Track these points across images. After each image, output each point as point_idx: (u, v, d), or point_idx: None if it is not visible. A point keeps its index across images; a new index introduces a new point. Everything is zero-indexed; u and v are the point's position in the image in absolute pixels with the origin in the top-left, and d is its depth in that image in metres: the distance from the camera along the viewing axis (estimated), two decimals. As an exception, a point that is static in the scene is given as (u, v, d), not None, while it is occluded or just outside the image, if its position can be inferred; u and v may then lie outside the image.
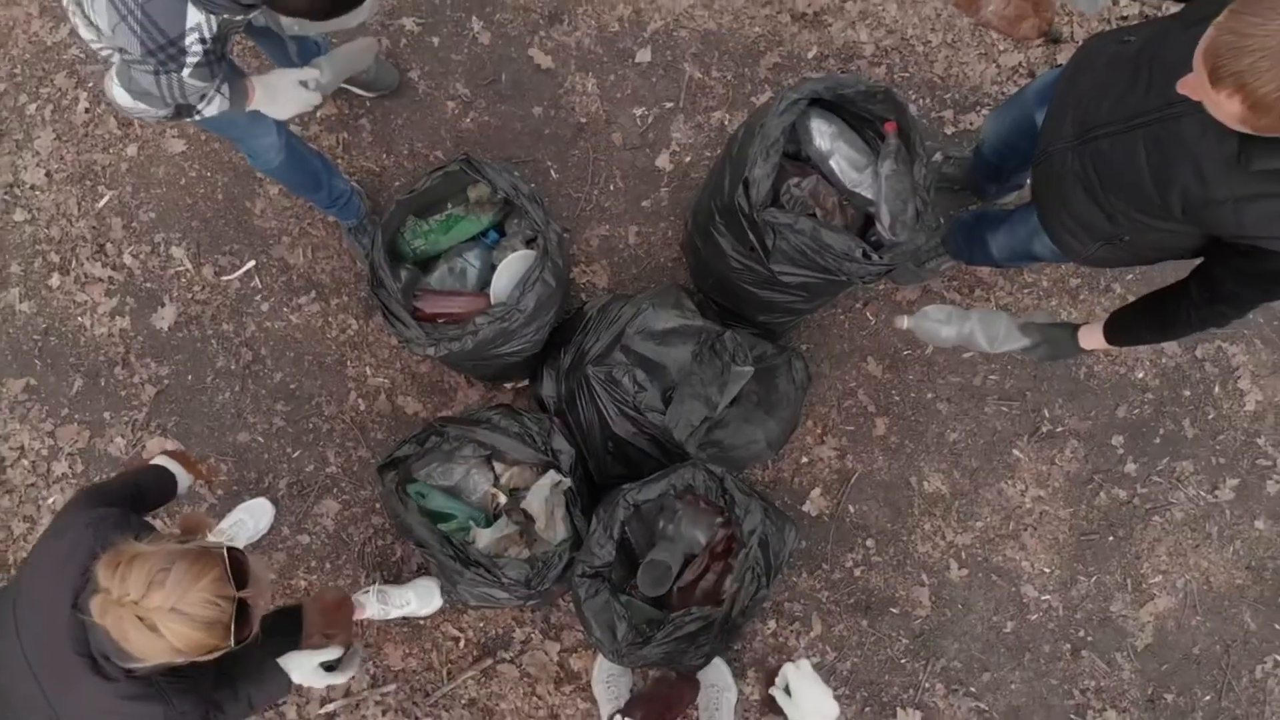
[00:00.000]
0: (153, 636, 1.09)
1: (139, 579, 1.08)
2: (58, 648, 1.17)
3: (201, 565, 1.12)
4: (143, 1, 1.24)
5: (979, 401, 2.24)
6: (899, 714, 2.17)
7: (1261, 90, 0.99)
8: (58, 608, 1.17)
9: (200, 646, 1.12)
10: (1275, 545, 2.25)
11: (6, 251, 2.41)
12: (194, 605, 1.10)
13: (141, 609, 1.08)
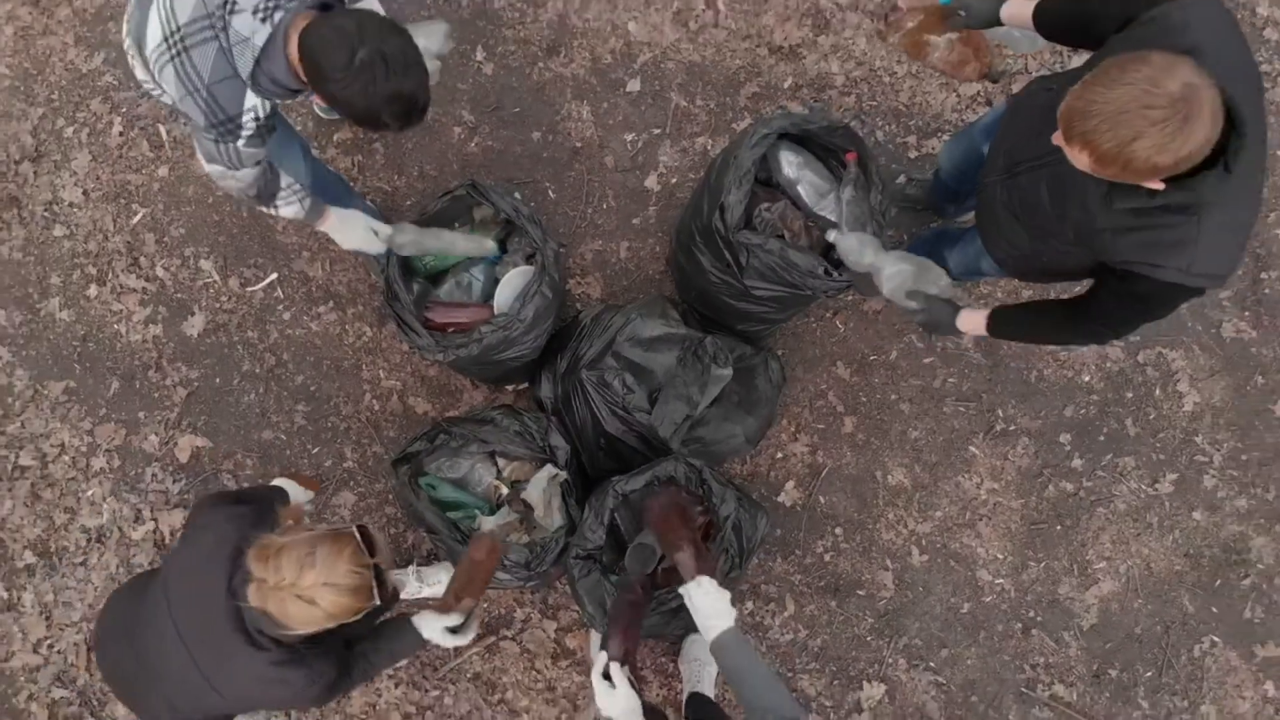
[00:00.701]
0: (311, 609, 1.30)
1: (291, 565, 1.30)
2: (214, 626, 1.37)
3: (340, 543, 1.34)
4: (209, 83, 1.44)
5: (938, 402, 2.45)
6: (865, 687, 2.39)
7: (1103, 147, 1.19)
8: (212, 593, 1.37)
9: (350, 610, 1.33)
10: (1211, 535, 2.46)
11: (47, 264, 2.62)
12: (342, 577, 1.31)
13: (299, 588, 1.29)
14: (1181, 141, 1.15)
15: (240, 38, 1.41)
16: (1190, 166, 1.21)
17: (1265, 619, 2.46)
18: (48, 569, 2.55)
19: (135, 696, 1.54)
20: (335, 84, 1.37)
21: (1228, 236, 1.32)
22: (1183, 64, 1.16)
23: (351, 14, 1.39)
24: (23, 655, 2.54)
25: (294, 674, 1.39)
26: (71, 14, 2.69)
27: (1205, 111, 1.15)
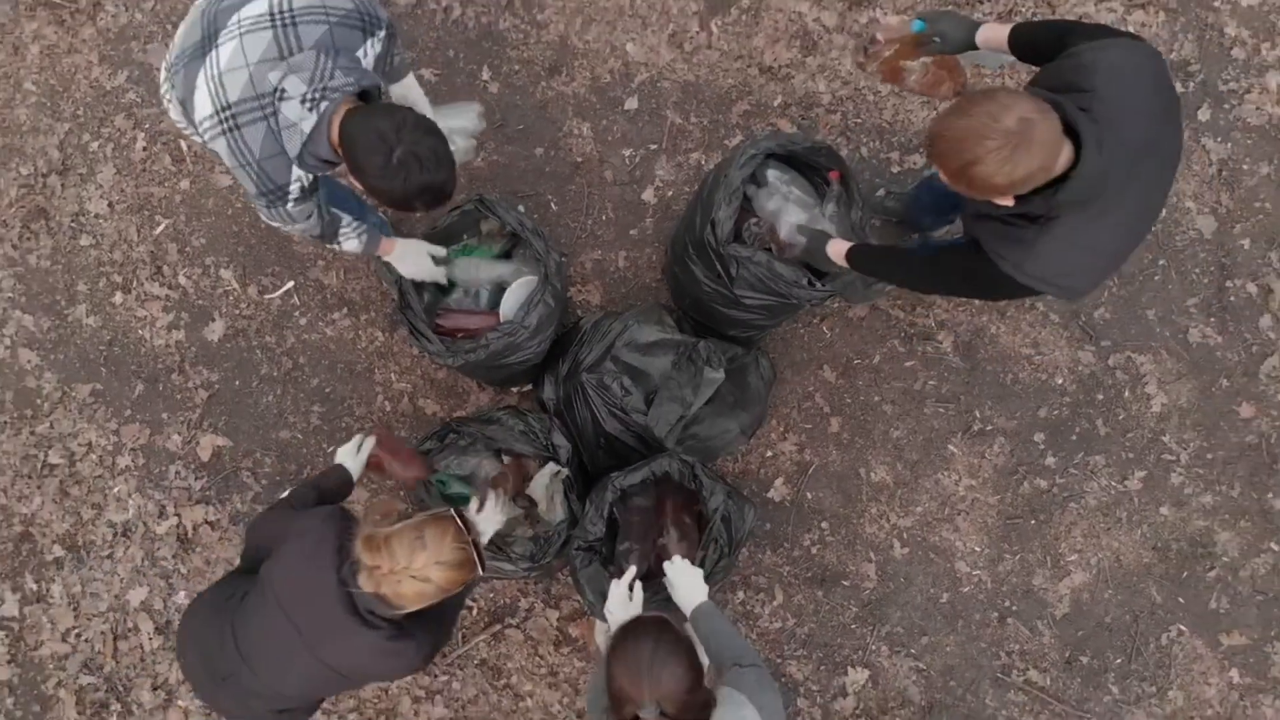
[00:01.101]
0: (425, 585, 1.46)
1: (403, 550, 1.45)
2: (329, 615, 1.52)
3: (442, 526, 1.50)
4: (259, 159, 1.58)
5: (919, 403, 2.59)
6: (849, 672, 2.53)
7: (949, 167, 1.37)
8: (323, 586, 1.52)
9: (459, 581, 1.50)
10: (1178, 529, 2.60)
11: (74, 272, 2.75)
12: (449, 554, 1.47)
13: (413, 570, 1.45)
14: (1012, 167, 1.31)
15: (289, 122, 1.54)
16: (1033, 186, 1.36)
17: (1230, 609, 2.59)
18: (75, 562, 2.69)
19: (225, 687, 1.68)
20: (373, 179, 1.51)
21: (1069, 251, 1.46)
22: (1023, 101, 1.32)
23: (389, 114, 1.52)
24: (51, 644, 2.68)
25: (406, 645, 1.54)
26: (95, 33, 2.83)
27: (1035, 143, 1.30)
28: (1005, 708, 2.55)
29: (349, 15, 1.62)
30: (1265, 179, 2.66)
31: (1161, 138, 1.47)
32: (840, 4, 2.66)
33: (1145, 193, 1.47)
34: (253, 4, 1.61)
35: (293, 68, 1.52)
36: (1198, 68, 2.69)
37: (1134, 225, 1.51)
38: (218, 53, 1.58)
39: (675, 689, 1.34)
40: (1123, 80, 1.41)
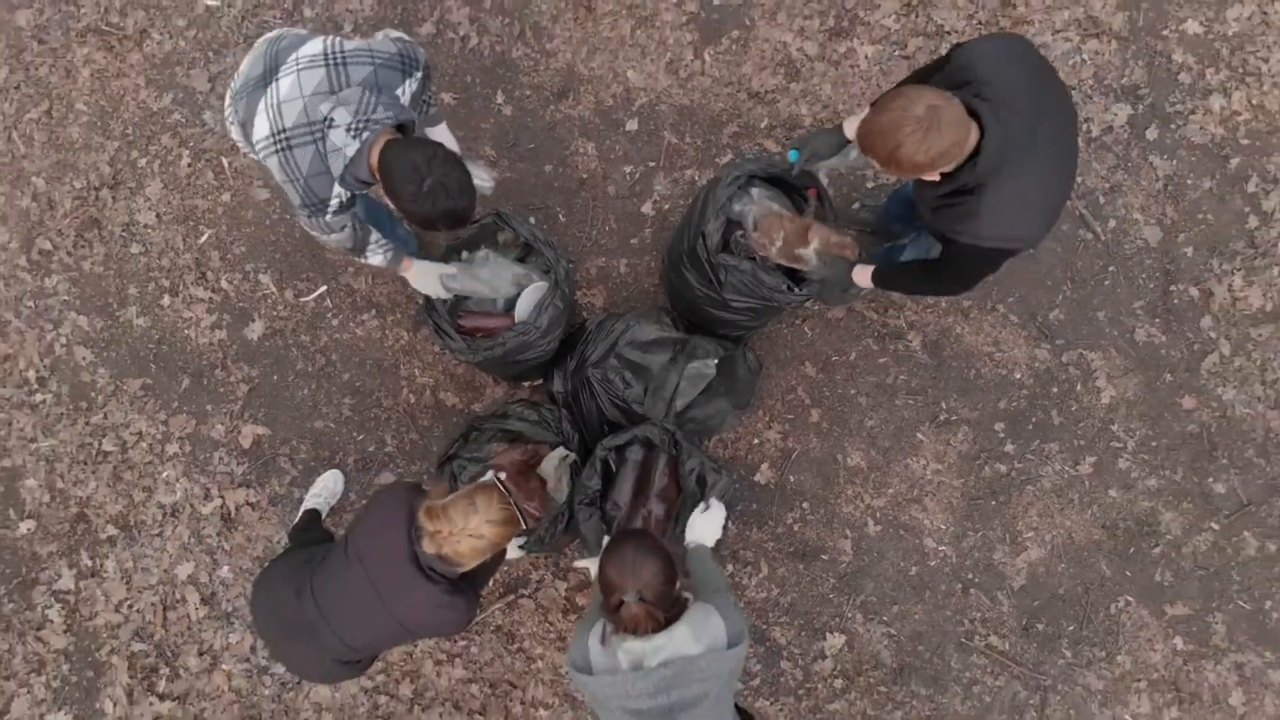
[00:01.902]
0: (479, 541, 1.74)
1: (459, 514, 1.74)
2: (400, 571, 1.80)
3: (489, 491, 1.78)
4: (306, 176, 1.84)
5: (891, 396, 2.86)
6: (828, 637, 2.80)
7: (880, 154, 1.64)
8: (396, 547, 1.79)
9: (508, 536, 1.78)
10: (1125, 509, 2.88)
11: (125, 278, 3.03)
12: (498, 514, 1.75)
13: (469, 530, 1.73)
14: (929, 146, 1.59)
15: (335, 147, 1.80)
16: (955, 162, 1.64)
17: (1173, 582, 2.87)
18: (128, 540, 2.96)
19: (299, 639, 1.95)
20: (406, 202, 1.77)
21: (1006, 208, 1.72)
22: (928, 92, 1.60)
23: (422, 148, 1.76)
24: (105, 614, 2.95)
25: (458, 600, 1.83)
26: (142, 59, 3.10)
27: (944, 124, 1.58)
28: (968, 669, 2.83)
29: (391, 58, 1.89)
30: (1207, 193, 2.93)
31: (1048, 101, 1.74)
32: (821, 35, 2.93)
33: (1052, 148, 1.74)
34: (309, 45, 1.87)
35: (341, 101, 1.79)
36: (1147, 91, 2.96)
37: (1053, 176, 1.77)
38: (278, 85, 1.85)
39: (652, 580, 1.64)
40: (999, 63, 1.70)
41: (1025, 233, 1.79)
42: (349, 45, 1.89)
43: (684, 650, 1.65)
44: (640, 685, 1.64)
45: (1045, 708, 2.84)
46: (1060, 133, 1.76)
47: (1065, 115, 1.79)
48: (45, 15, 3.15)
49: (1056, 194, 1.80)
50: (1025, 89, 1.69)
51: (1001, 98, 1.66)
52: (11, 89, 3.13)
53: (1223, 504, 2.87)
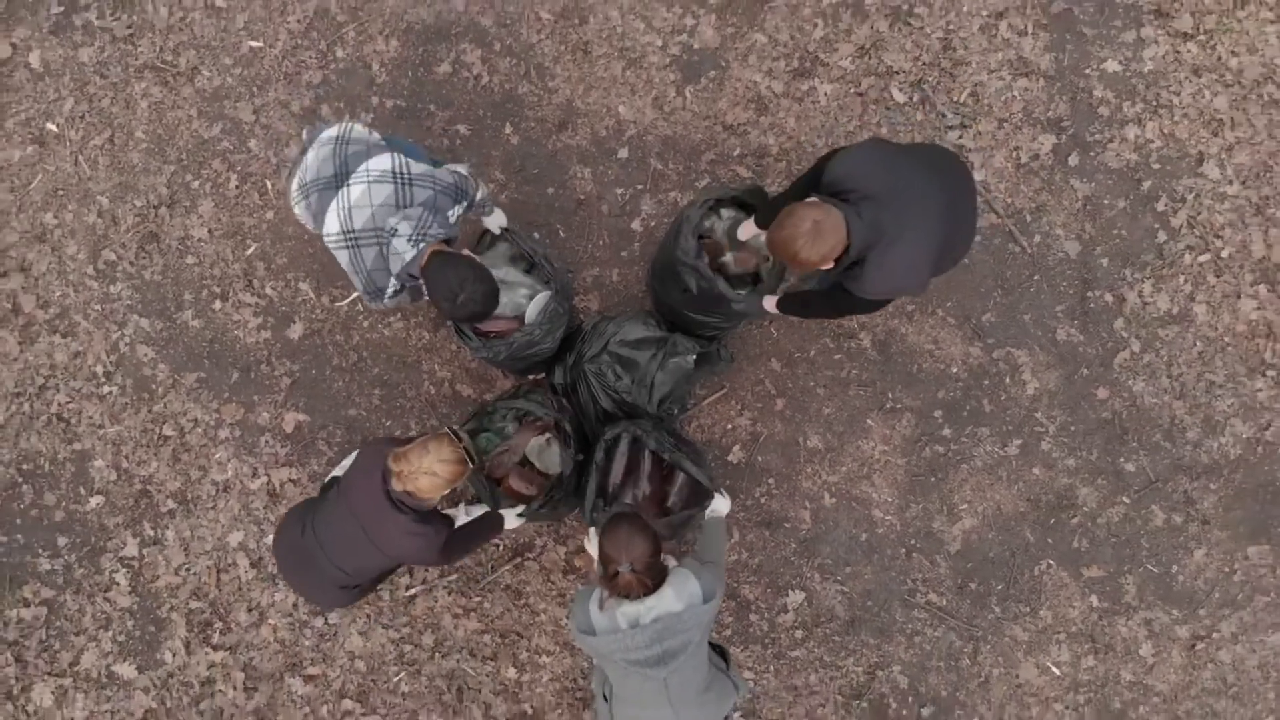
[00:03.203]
0: (434, 479, 2.19)
1: (416, 457, 2.19)
2: (377, 506, 2.26)
3: (440, 438, 2.23)
4: (370, 270, 2.28)
5: (845, 387, 3.32)
6: (790, 594, 3.26)
7: (784, 257, 2.15)
8: (373, 487, 2.25)
9: (458, 474, 2.22)
10: (1047, 485, 3.33)
11: (181, 285, 3.46)
12: (448, 454, 2.21)
13: (424, 468, 2.18)
14: (817, 249, 2.08)
15: (396, 252, 2.23)
16: (839, 253, 2.12)
17: (1089, 548, 3.32)
18: (185, 512, 3.40)
19: (306, 568, 2.42)
20: (442, 308, 2.23)
21: (883, 272, 2.20)
22: (813, 210, 2.08)
23: (457, 268, 2.20)
24: (166, 577, 3.40)
25: (424, 529, 2.28)
26: (194, 92, 3.53)
27: (825, 233, 2.07)
28: (911, 622, 3.28)
29: (448, 188, 2.34)
30: (1121, 211, 3.38)
31: (914, 184, 2.19)
32: (786, 75, 3.38)
33: (924, 219, 2.20)
34: (379, 159, 2.29)
35: (405, 216, 2.23)
36: (1069, 123, 3.40)
37: (921, 237, 2.22)
38: (349, 190, 2.27)
39: (641, 554, 2.09)
40: (858, 171, 2.18)
41: (906, 286, 2.27)
42: (415, 169, 2.31)
43: (670, 608, 2.09)
44: (638, 639, 2.07)
45: (977, 655, 3.29)
46: (925, 205, 2.21)
47: (929, 182, 2.23)
48: (106, 53, 3.58)
49: (926, 256, 2.25)
50: (884, 182, 2.16)
51: (863, 196, 2.14)
52: (77, 118, 3.56)
53: (1132, 481, 3.32)
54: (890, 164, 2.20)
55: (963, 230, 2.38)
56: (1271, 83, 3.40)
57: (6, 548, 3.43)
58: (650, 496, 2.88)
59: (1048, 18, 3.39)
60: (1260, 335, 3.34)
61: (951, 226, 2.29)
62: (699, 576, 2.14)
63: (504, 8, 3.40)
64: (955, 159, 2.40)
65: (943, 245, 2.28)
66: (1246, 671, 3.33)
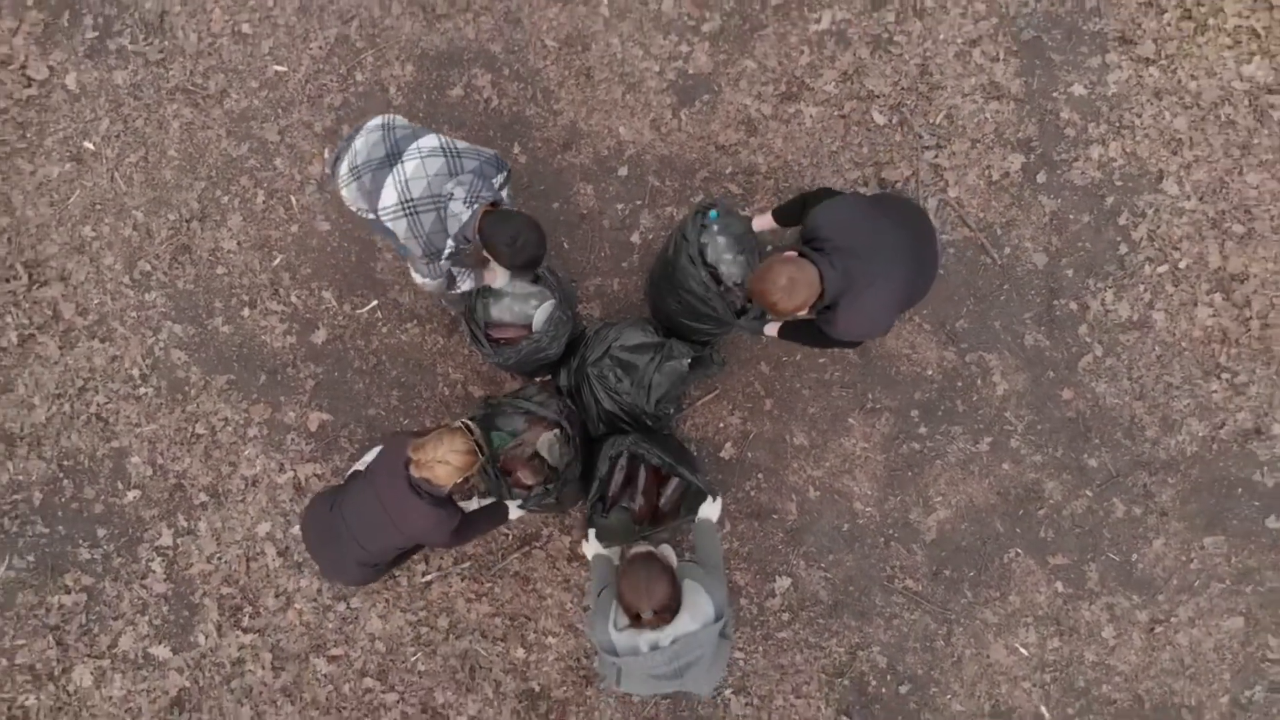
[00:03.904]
0: (447, 467, 2.46)
1: (432, 448, 2.46)
2: (400, 490, 2.54)
3: (454, 432, 2.51)
4: (428, 233, 2.53)
5: (828, 389, 3.57)
6: (777, 580, 3.52)
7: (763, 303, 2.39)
8: (396, 473, 2.53)
9: (470, 464, 2.49)
10: (1015, 479, 3.58)
11: (213, 293, 3.72)
12: (460, 446, 2.48)
13: (439, 457, 2.45)
14: (791, 300, 2.33)
15: (453, 214, 2.50)
16: (812, 302, 2.37)
17: (1054, 538, 3.58)
18: (216, 504, 3.66)
19: (331, 544, 2.69)
20: (500, 252, 2.49)
21: (853, 318, 2.46)
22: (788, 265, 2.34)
23: (511, 219, 2.50)
24: (199, 565, 3.66)
25: (439, 512, 2.56)
26: (223, 114, 3.78)
27: (800, 285, 2.33)
28: (889, 606, 3.55)
29: (490, 159, 2.61)
30: (1086, 225, 3.63)
31: (883, 238, 2.44)
32: (774, 99, 3.64)
33: (892, 268, 2.45)
34: (427, 138, 2.57)
35: (459, 182, 2.51)
36: (1038, 143, 3.65)
37: (888, 286, 2.48)
38: (403, 166, 2.54)
39: (661, 597, 2.27)
40: (834, 224, 2.44)
41: (871, 331, 2.55)
42: (460, 145, 2.60)
43: (686, 629, 2.31)
44: (659, 659, 2.29)
45: (951, 637, 3.56)
46: (893, 257, 2.47)
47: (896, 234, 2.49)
48: (139, 76, 3.83)
49: (893, 301, 2.52)
50: (857, 238, 2.42)
51: (837, 248, 2.40)
52: (113, 137, 3.81)
53: (1095, 475, 3.58)
54: (864, 221, 2.47)
55: (925, 274, 2.66)
56: (1228, 104, 3.65)
57: (49, 538, 3.69)
58: (646, 505, 3.15)
59: (1018, 44, 3.64)
60: (1215, 341, 3.59)
61: (915, 273, 2.56)
62: (711, 595, 2.35)
63: (512, 35, 3.66)
64: (921, 212, 2.69)
65: (909, 291, 2.55)
66: (1203, 654, 3.58)
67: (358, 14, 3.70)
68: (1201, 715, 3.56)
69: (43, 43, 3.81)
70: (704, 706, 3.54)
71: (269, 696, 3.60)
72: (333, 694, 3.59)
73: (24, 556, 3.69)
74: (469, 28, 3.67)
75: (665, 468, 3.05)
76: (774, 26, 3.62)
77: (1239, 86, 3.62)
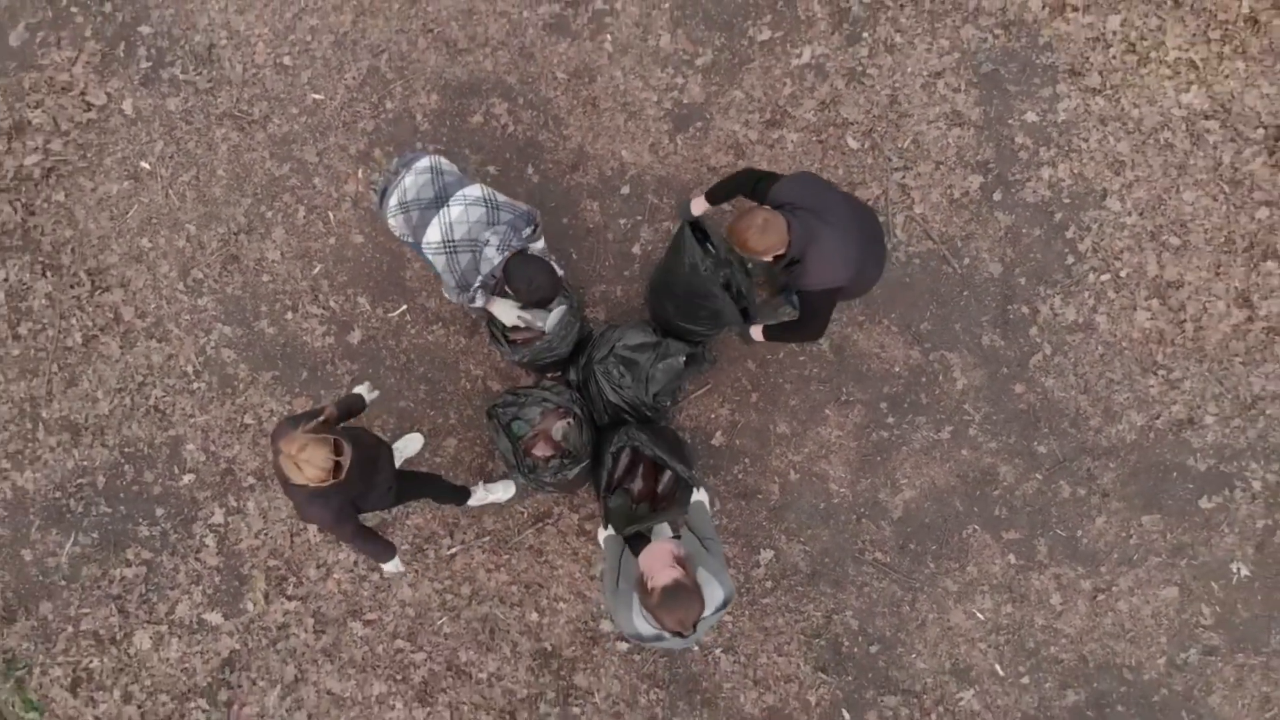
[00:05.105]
0: (298, 472, 2.46)
1: (299, 447, 2.46)
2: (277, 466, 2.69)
3: (322, 444, 2.48)
4: (463, 271, 2.95)
5: (807, 383, 4.02)
6: (761, 552, 3.97)
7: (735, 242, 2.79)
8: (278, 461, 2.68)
9: (320, 479, 2.48)
10: (973, 464, 4.03)
11: (258, 298, 4.16)
12: (321, 461, 2.46)
13: (295, 457, 2.46)
14: (763, 240, 2.73)
15: (487, 258, 2.92)
16: (781, 249, 2.77)
17: (1009, 516, 4.03)
18: (263, 487, 4.10)
19: None
20: (518, 289, 2.91)
21: (818, 265, 2.84)
22: (763, 211, 2.73)
23: (527, 266, 2.91)
24: (247, 540, 4.10)
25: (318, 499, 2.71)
26: (266, 137, 4.21)
27: (771, 229, 2.72)
28: (861, 575, 4.00)
29: (523, 214, 3.03)
30: (1037, 239, 4.07)
31: (831, 202, 2.86)
32: (760, 125, 4.08)
33: (842, 227, 2.85)
34: (472, 188, 2.97)
35: (495, 232, 2.93)
36: (995, 165, 4.09)
37: (845, 243, 2.87)
38: (449, 210, 2.95)
39: (695, 617, 2.49)
40: (792, 191, 2.85)
41: (836, 277, 2.93)
42: (500, 199, 3.01)
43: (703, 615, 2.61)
44: (680, 640, 2.57)
45: (915, 603, 4.01)
46: (846, 217, 2.89)
47: (848, 206, 2.92)
48: (190, 103, 4.25)
49: (852, 252, 2.91)
50: (812, 199, 2.85)
51: (798, 208, 2.82)
52: (167, 158, 4.24)
53: (1044, 460, 4.03)
54: (821, 191, 2.91)
55: (875, 252, 3.03)
56: (1167, 129, 4.08)
57: (111, 517, 4.13)
58: (644, 488, 3.59)
59: (978, 77, 4.08)
60: (1153, 341, 4.04)
61: (866, 242, 2.95)
62: (721, 584, 2.66)
63: (526, 68, 4.10)
64: (867, 207, 3.09)
65: (862, 251, 2.94)
66: (1141, 619, 4.02)
67: (387, 48, 4.14)
68: (1141, 675, 4.00)
69: (100, 71, 4.23)
70: (697, 663, 3.99)
71: (311, 656, 4.05)
72: (368, 654, 4.04)
73: (89, 534, 4.12)
74: (487, 61, 4.11)
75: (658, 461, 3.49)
76: (760, 61, 4.07)
77: (1177, 113, 4.05)
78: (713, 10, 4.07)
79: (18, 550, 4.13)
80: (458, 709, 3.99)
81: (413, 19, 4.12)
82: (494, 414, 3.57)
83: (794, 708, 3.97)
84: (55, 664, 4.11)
